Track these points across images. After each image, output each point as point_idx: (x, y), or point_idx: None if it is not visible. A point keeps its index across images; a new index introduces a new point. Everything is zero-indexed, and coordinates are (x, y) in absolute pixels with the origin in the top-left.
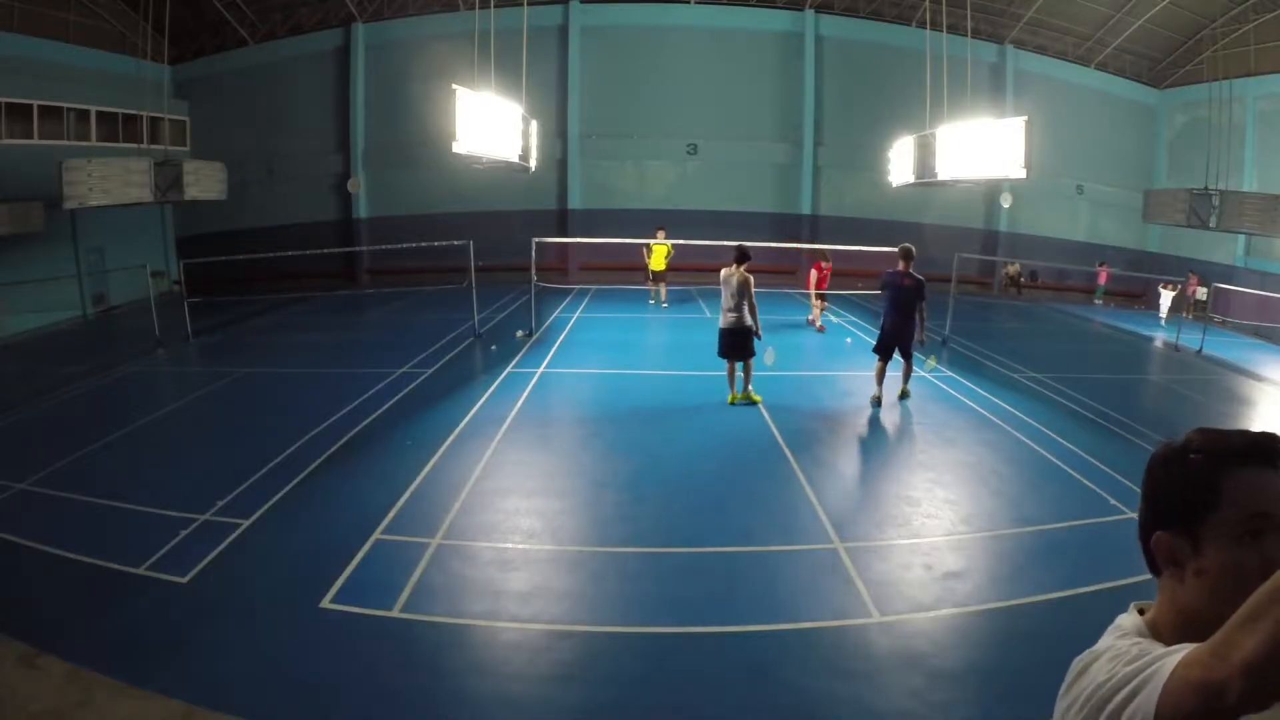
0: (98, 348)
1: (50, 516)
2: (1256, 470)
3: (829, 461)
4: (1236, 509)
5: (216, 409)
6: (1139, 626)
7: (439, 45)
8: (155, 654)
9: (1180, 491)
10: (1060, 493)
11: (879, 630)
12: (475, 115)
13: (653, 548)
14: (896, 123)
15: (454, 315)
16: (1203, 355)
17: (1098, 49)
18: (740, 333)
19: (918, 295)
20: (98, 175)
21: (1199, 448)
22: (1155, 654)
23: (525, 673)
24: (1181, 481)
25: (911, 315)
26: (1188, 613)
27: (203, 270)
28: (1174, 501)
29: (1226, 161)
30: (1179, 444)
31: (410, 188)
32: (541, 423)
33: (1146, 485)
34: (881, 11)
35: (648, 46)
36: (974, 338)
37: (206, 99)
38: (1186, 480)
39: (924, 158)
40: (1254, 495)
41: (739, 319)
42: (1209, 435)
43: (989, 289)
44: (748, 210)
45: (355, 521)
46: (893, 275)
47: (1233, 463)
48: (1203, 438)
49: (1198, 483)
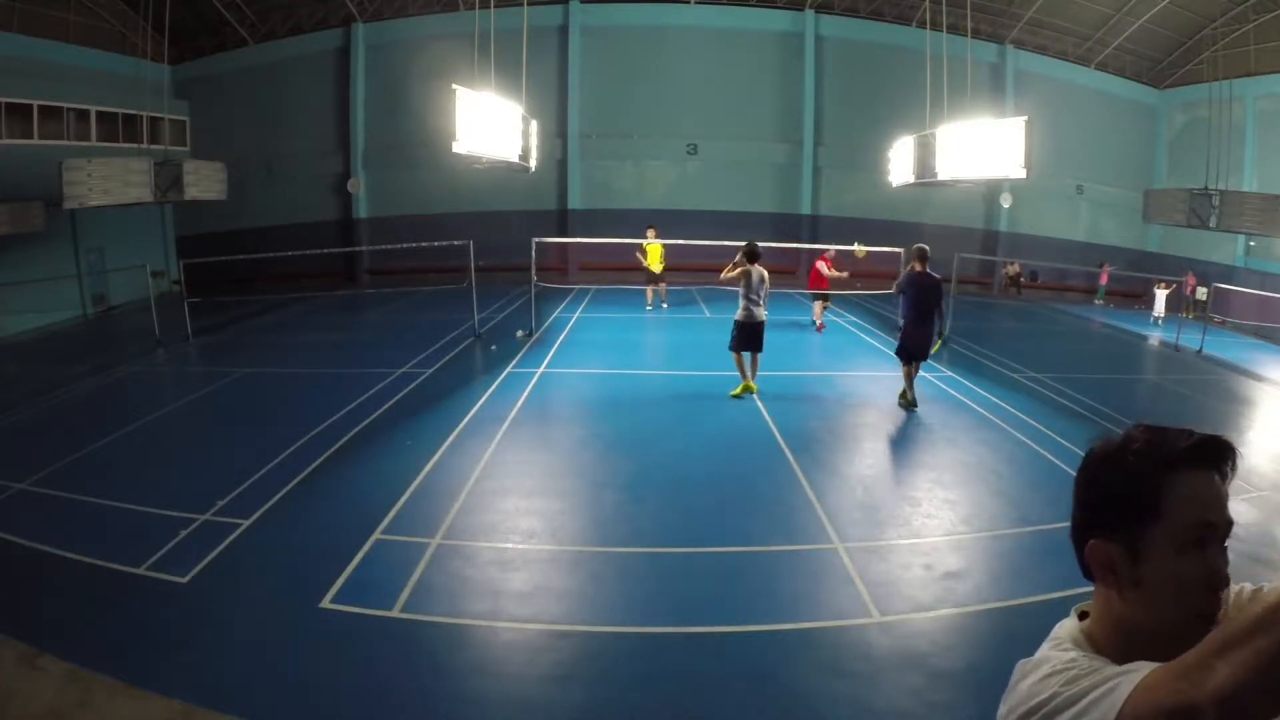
0: (98, 348)
1: (50, 516)
2: (1201, 474)
3: (829, 461)
4: (1179, 517)
5: (216, 409)
6: (1075, 635)
7: (439, 45)
8: (155, 654)
9: (1118, 496)
10: (1060, 493)
11: (879, 630)
12: (475, 115)
13: (653, 548)
14: (896, 123)
15: (454, 315)
16: (1203, 355)
17: (1098, 49)
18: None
19: (937, 296)
20: (98, 175)
21: (1140, 450)
22: (1106, 674)
23: (525, 673)
24: (1120, 485)
25: (931, 316)
26: (1126, 625)
27: (203, 270)
28: (1111, 507)
29: (1226, 161)
30: (1118, 442)
31: (410, 188)
32: (541, 423)
33: (1080, 486)
34: (881, 11)
35: (648, 46)
36: (974, 338)
37: (206, 99)
38: (1126, 484)
39: (924, 158)
40: (1197, 503)
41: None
42: (1151, 435)
43: (989, 289)
44: (748, 210)
45: (355, 521)
46: (912, 276)
47: (1176, 466)
48: (1144, 437)
49: (1137, 488)
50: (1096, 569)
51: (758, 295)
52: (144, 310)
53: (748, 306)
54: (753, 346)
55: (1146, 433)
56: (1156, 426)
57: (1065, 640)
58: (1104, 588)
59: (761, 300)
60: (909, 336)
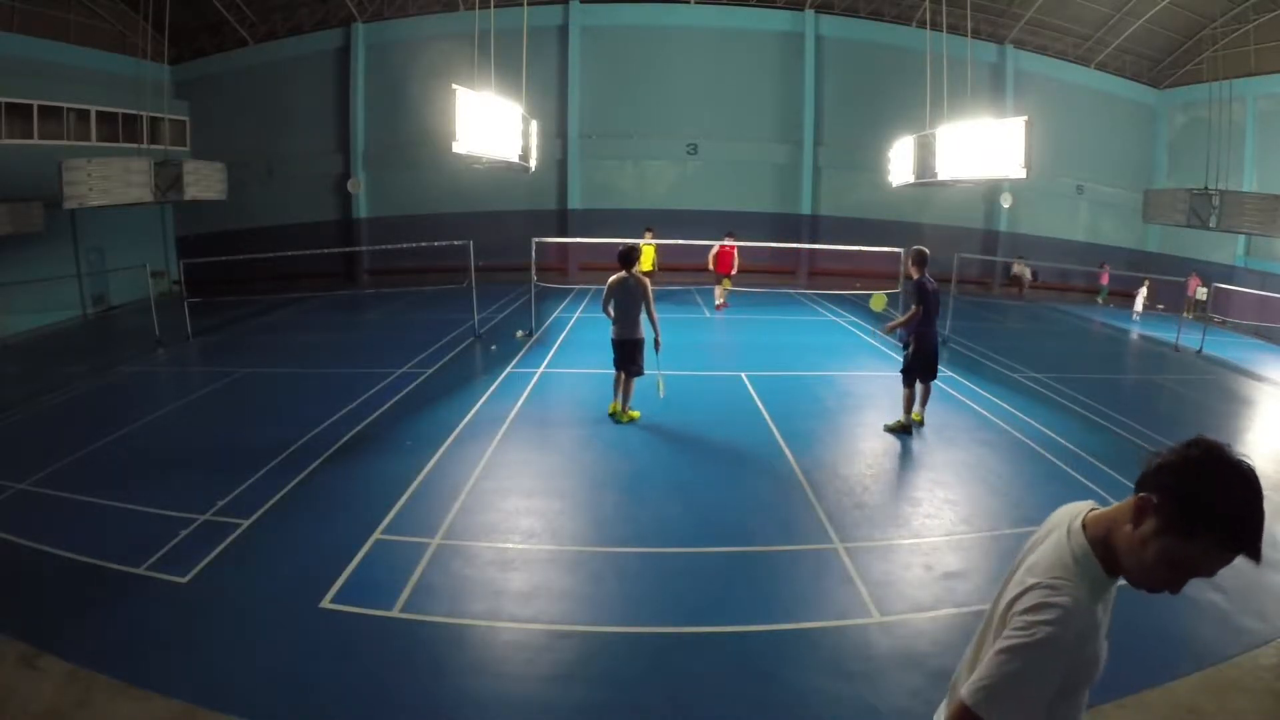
0: (98, 348)
1: (50, 516)
2: (1235, 556)
3: (829, 461)
4: (1200, 559)
5: (216, 409)
6: (1084, 550)
7: (439, 45)
8: (155, 654)
9: (1200, 502)
10: (1060, 493)
11: (879, 630)
12: (475, 115)
13: (653, 548)
14: (896, 123)
15: (454, 315)
16: (1203, 355)
17: (1098, 49)
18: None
19: (937, 303)
20: (98, 175)
21: (1240, 500)
22: (1000, 643)
23: (525, 673)
24: (1208, 497)
25: (935, 326)
26: (1117, 548)
27: (203, 270)
28: (1188, 498)
29: (1226, 161)
30: (1240, 467)
31: (410, 188)
32: (541, 423)
33: (1187, 464)
34: (881, 11)
35: (648, 46)
36: (974, 338)
37: (206, 99)
38: (1211, 503)
39: (924, 158)
40: (1214, 565)
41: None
42: (1252, 494)
43: (989, 289)
44: (748, 210)
45: (355, 521)
46: (923, 282)
47: (1238, 549)
48: (1249, 493)
49: (1212, 515)
50: (1135, 510)
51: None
52: (144, 310)
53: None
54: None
55: (1249, 488)
56: (1256, 482)
57: (1065, 578)
58: (1125, 514)
59: (630, 314)
60: (931, 350)
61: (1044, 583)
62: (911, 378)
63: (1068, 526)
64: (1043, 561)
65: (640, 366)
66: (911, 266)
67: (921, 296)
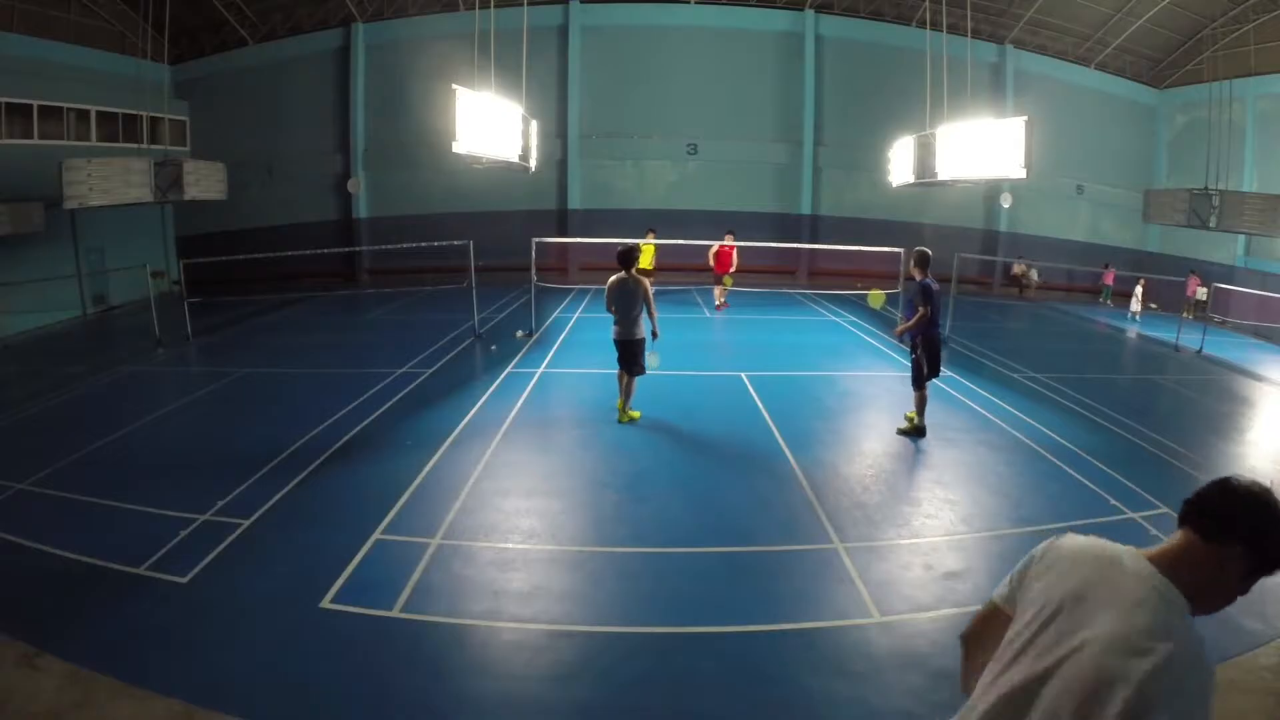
0: (98, 348)
1: (50, 516)
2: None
3: (829, 461)
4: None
5: (216, 409)
6: (1181, 603)
7: (439, 45)
8: (155, 654)
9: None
10: (1060, 493)
11: (879, 630)
12: (475, 115)
13: (653, 548)
14: (896, 123)
15: (454, 315)
16: (1203, 355)
17: (1098, 49)
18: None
19: (940, 301)
20: (98, 175)
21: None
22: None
23: (525, 673)
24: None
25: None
26: (1206, 590)
27: (203, 270)
28: (1276, 550)
29: (1226, 161)
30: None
31: (410, 188)
32: (541, 423)
33: (1264, 521)
34: (881, 11)
35: (648, 46)
36: (974, 337)
37: (206, 99)
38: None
39: (924, 158)
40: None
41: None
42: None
43: (989, 289)
44: (748, 210)
45: (355, 521)
46: (928, 283)
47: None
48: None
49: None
50: (1220, 558)
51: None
52: (144, 310)
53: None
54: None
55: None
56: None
57: (1173, 610)
58: (1208, 552)
59: (630, 314)
60: (939, 353)
61: (1180, 653)
62: (923, 381)
63: (1153, 585)
64: (1141, 625)
65: (642, 366)
66: (914, 268)
67: (928, 298)
